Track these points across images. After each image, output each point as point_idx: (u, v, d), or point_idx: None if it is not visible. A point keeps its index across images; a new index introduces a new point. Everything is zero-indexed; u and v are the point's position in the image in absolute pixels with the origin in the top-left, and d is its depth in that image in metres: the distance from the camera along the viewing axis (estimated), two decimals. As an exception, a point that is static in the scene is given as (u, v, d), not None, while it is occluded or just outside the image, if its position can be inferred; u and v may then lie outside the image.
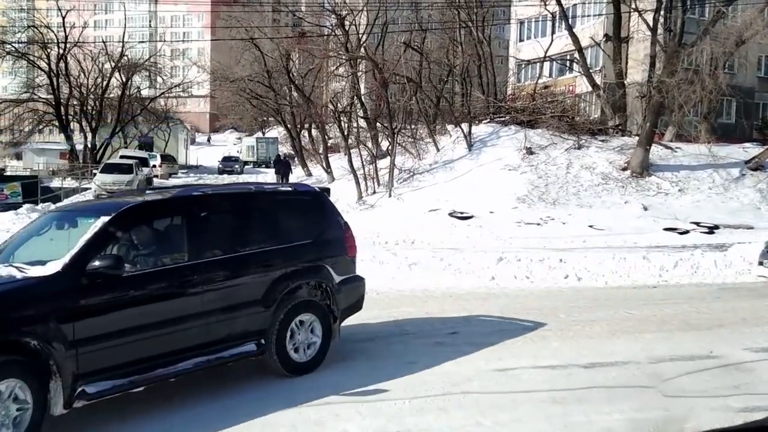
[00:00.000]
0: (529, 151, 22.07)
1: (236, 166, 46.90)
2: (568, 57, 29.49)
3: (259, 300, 5.61)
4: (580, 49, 25.52)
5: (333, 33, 28.48)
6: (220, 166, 47.38)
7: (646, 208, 18.74)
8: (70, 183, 32.88)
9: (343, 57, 26.28)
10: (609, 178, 20.86)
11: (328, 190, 7.17)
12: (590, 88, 26.23)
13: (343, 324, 6.56)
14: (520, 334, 7.57)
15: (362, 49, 26.49)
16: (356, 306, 6.66)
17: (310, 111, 33.66)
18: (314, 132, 38.51)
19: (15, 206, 21.04)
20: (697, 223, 17.30)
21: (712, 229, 16.86)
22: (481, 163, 22.14)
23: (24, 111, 42.55)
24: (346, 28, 25.38)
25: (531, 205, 18.83)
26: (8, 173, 51.34)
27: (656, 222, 17.34)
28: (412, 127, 26.73)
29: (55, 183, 32.29)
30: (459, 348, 6.92)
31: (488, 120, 26.00)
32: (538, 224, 16.99)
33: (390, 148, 23.75)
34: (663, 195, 20.10)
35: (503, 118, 25.44)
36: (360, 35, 27.24)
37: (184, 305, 5.12)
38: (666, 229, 16.58)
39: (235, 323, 5.45)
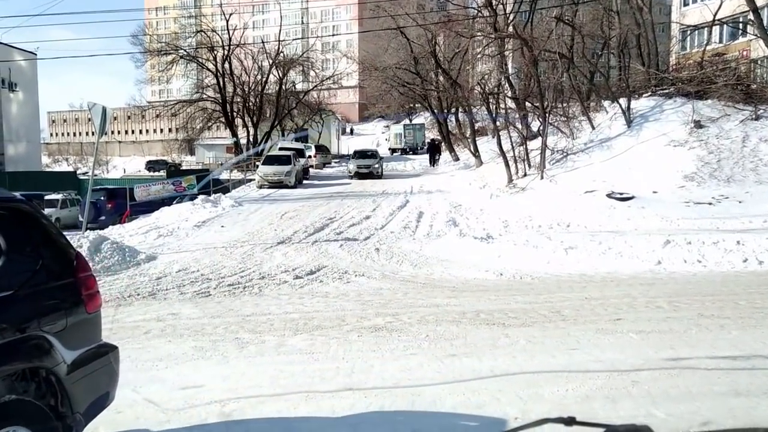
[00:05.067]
0: (698, 125, 20.30)
1: (376, 165, 33.38)
2: (741, 19, 27.04)
3: None
4: (755, 9, 23.03)
5: (479, 14, 28.01)
6: (353, 163, 34.37)
7: (840, 184, 16.52)
8: (236, 175, 35.52)
9: (491, 37, 25.76)
10: (794, 151, 18.63)
11: (41, 198, 3.91)
12: (769, 52, 23.67)
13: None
14: (693, 321, 7.05)
15: (510, 27, 25.81)
16: (106, 398, 3.87)
17: (456, 94, 33.57)
18: (461, 116, 38.45)
19: (192, 197, 23.07)
20: None
21: None
22: (641, 140, 20.76)
23: (195, 110, 46.91)
24: (494, 7, 24.83)
25: (701, 183, 17.36)
26: (184, 167, 57.10)
27: None
28: (565, 105, 25.70)
29: (224, 175, 35.00)
30: (624, 335, 6.57)
31: (649, 93, 24.29)
32: (710, 204, 15.67)
33: (541, 128, 23.00)
34: None
35: (667, 90, 23.61)
36: (507, 13, 26.53)
37: None
38: None
39: None
